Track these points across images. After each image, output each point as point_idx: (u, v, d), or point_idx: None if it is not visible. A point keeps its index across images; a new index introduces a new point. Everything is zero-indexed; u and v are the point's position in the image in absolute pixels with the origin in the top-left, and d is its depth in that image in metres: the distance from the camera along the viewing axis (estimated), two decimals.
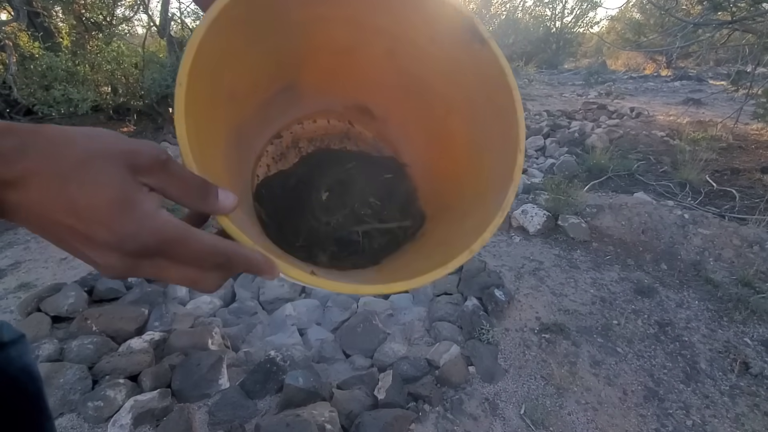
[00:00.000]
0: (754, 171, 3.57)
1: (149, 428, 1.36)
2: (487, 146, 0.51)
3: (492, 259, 2.36)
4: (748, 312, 1.90)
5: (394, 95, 0.59)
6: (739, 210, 2.84)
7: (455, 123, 0.55)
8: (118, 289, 2.00)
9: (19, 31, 4.41)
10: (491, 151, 0.50)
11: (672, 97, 8.04)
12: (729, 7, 3.86)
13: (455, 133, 0.56)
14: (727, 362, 1.70)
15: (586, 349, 1.75)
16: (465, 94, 0.53)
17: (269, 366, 1.55)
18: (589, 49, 18.17)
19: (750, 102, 4.43)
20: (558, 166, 4.16)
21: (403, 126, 0.62)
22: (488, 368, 1.65)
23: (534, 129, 5.78)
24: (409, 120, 0.61)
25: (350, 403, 1.44)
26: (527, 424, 1.46)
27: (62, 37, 4.93)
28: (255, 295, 2.22)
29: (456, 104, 0.54)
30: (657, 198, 3.10)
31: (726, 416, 1.49)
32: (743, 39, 4.82)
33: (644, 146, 4.50)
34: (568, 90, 9.84)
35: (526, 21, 16.16)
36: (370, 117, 0.63)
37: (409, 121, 0.61)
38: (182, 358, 1.60)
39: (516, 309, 1.97)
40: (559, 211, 2.67)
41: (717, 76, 10.61)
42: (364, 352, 1.82)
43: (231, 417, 1.40)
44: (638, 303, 2.02)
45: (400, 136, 0.63)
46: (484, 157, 0.51)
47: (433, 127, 0.58)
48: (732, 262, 2.21)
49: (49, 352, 1.58)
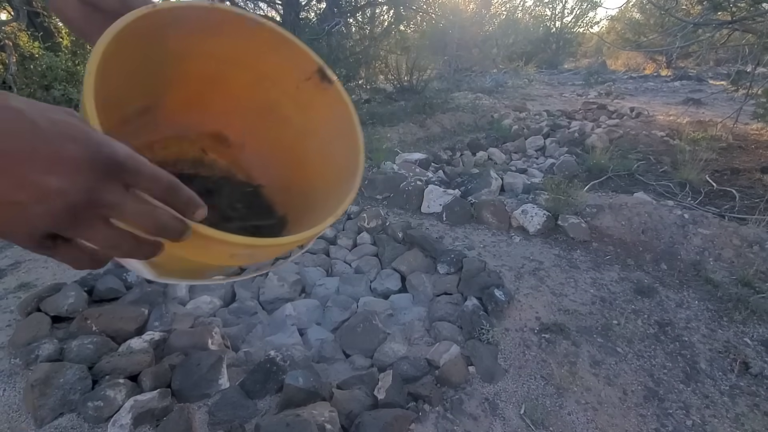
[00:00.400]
0: (754, 171, 3.57)
1: (149, 428, 1.36)
2: (335, 165, 0.60)
3: (492, 259, 2.36)
4: (748, 312, 1.90)
5: (252, 123, 0.66)
6: (739, 210, 2.85)
7: (309, 147, 0.64)
8: (118, 289, 2.00)
9: (19, 31, 4.41)
10: (338, 169, 0.59)
11: (672, 97, 8.05)
12: (729, 7, 3.86)
13: (309, 156, 0.64)
14: (727, 362, 1.70)
15: (586, 349, 1.75)
16: (317, 123, 0.63)
17: (269, 366, 1.55)
18: (589, 49, 18.19)
19: (750, 102, 4.43)
20: (558, 166, 4.16)
21: (259, 151, 0.68)
22: (488, 368, 1.65)
23: (534, 129, 5.79)
24: (266, 145, 0.68)
25: (350, 403, 1.44)
26: (527, 424, 1.46)
27: (62, 37, 4.93)
28: (255, 294, 2.22)
29: (309, 131, 0.64)
30: (657, 198, 3.11)
31: (726, 416, 1.49)
32: (743, 39, 4.82)
33: (644, 146, 4.50)
34: (568, 90, 9.84)
35: (526, 21, 16.17)
36: (227, 144, 0.68)
37: (266, 146, 0.68)
38: (182, 358, 1.60)
39: (516, 309, 1.97)
40: (559, 211, 2.67)
41: (717, 76, 10.61)
42: (364, 352, 1.82)
43: (231, 417, 1.40)
44: (638, 303, 2.02)
45: (256, 160, 0.69)
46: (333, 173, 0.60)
47: (289, 151, 0.66)
48: (732, 262, 2.21)
49: (49, 352, 1.58)
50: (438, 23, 6.90)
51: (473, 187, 3.23)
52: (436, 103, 6.54)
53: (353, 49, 6.10)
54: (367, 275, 2.42)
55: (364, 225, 2.80)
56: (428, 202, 2.99)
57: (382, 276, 2.38)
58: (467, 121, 6.32)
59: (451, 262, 2.31)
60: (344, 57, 5.75)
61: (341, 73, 5.80)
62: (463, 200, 2.90)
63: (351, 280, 2.32)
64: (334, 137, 0.61)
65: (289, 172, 0.67)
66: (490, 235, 2.67)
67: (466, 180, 3.45)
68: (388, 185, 3.24)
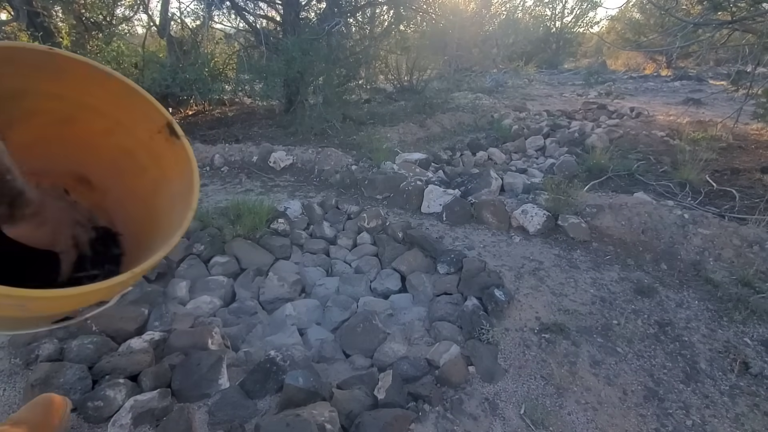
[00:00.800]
0: (754, 171, 3.57)
1: (149, 428, 1.36)
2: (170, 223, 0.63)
3: (492, 259, 2.36)
4: (748, 312, 1.90)
5: (113, 170, 0.69)
6: (739, 210, 2.84)
7: (159, 202, 0.67)
8: None
9: (19, 31, 4.41)
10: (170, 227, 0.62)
11: (672, 97, 8.05)
12: (729, 7, 3.86)
13: (158, 211, 0.67)
14: (727, 362, 1.70)
15: (586, 349, 1.75)
16: (169, 176, 0.66)
17: (269, 366, 1.55)
18: (589, 49, 18.19)
19: (750, 102, 4.43)
20: (558, 165, 4.16)
21: (121, 199, 0.71)
22: (488, 368, 1.65)
23: (534, 129, 5.78)
24: (127, 194, 0.70)
25: (350, 403, 1.44)
26: (527, 424, 1.46)
27: (62, 37, 4.93)
28: (255, 294, 2.22)
29: (163, 183, 0.67)
30: (657, 198, 3.10)
31: (726, 416, 1.49)
32: (743, 39, 4.82)
33: (644, 146, 4.50)
34: (568, 90, 9.84)
35: (526, 21, 16.17)
36: (90, 188, 0.70)
37: (127, 195, 0.70)
38: (182, 357, 1.60)
39: (516, 309, 1.97)
40: (559, 211, 2.67)
41: (717, 76, 10.61)
42: (364, 352, 1.82)
43: (231, 417, 1.40)
44: (638, 303, 2.02)
45: (117, 208, 0.71)
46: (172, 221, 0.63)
47: (143, 203, 0.69)
48: (732, 262, 2.21)
49: (49, 352, 1.58)
50: (438, 23, 6.89)
51: (473, 187, 3.23)
52: (436, 103, 6.54)
53: (353, 49, 6.10)
54: (367, 275, 2.42)
55: (364, 225, 2.80)
56: (428, 202, 2.99)
57: (382, 276, 2.38)
58: (467, 121, 6.32)
59: (451, 262, 2.31)
60: (344, 57, 5.74)
61: (341, 72, 5.79)
62: (463, 200, 2.90)
63: (351, 280, 2.32)
64: (177, 194, 0.64)
65: (141, 226, 0.69)
66: (490, 235, 2.67)
67: (466, 180, 3.45)
68: (388, 185, 3.24)
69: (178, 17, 6.05)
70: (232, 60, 5.99)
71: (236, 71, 5.63)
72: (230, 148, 4.17)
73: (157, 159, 0.66)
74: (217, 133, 5.19)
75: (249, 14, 6.14)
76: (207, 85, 4.71)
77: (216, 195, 3.40)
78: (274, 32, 6.25)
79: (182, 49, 5.36)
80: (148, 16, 5.73)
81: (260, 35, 5.49)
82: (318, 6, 6.18)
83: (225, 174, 3.89)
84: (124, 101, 0.61)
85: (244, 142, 4.59)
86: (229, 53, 6.37)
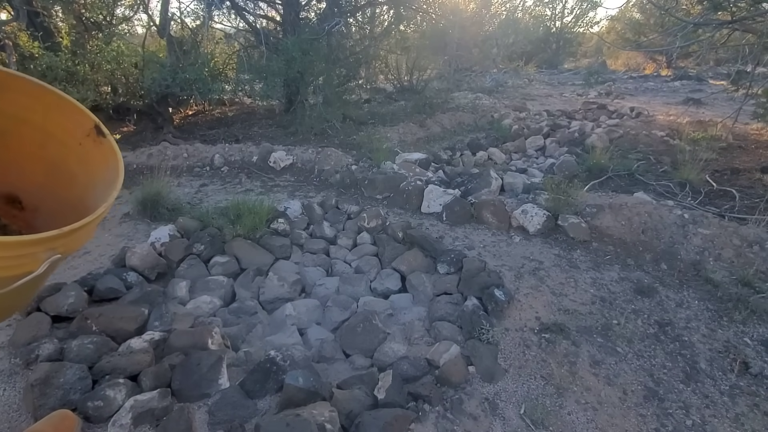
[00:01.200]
0: (754, 171, 3.57)
1: (149, 428, 1.36)
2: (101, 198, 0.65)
3: (492, 259, 2.36)
4: (748, 312, 1.90)
5: (44, 182, 0.70)
6: (739, 210, 2.84)
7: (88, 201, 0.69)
8: (118, 288, 2.00)
9: (19, 31, 4.41)
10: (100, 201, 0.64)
11: (672, 97, 8.05)
12: (729, 7, 3.86)
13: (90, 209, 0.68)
14: (727, 362, 1.70)
15: (586, 348, 1.75)
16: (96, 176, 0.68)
17: (269, 366, 1.55)
18: (589, 49, 18.18)
19: (750, 102, 4.42)
20: (558, 165, 4.16)
21: (53, 214, 0.72)
22: (488, 368, 1.65)
23: (534, 129, 5.78)
24: (58, 206, 0.72)
25: (350, 403, 1.44)
26: (527, 424, 1.46)
27: (62, 37, 4.92)
28: (255, 294, 2.22)
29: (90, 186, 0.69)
30: (657, 198, 3.10)
31: (726, 416, 1.49)
32: (743, 39, 4.82)
33: (644, 146, 4.50)
34: (568, 90, 9.84)
35: (526, 21, 16.15)
36: (19, 208, 0.72)
37: (58, 207, 0.72)
38: (182, 357, 1.60)
39: (516, 309, 1.97)
40: (559, 211, 2.67)
41: (717, 76, 10.61)
42: (364, 352, 1.82)
43: (231, 417, 1.40)
44: (638, 303, 2.02)
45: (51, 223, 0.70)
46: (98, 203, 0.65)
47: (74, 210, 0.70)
48: (732, 262, 2.21)
49: (49, 352, 1.58)
50: (438, 23, 6.90)
51: (473, 187, 3.23)
52: (436, 102, 6.53)
53: (353, 48, 6.10)
54: (367, 275, 2.42)
55: (364, 225, 2.80)
56: (428, 202, 2.99)
57: (382, 276, 2.38)
58: (467, 120, 6.32)
59: (451, 261, 2.31)
60: (344, 57, 5.75)
61: (341, 72, 5.79)
62: (463, 200, 2.90)
63: (351, 280, 2.32)
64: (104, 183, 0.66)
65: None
66: (490, 235, 2.67)
67: (466, 180, 3.45)
68: (388, 185, 3.24)
69: (178, 17, 6.05)
70: (232, 60, 5.99)
71: (236, 71, 5.63)
72: (230, 148, 4.17)
73: (85, 162, 0.69)
74: (217, 133, 5.19)
75: (249, 14, 6.14)
76: (207, 85, 4.71)
77: (216, 195, 3.40)
78: (274, 32, 6.26)
79: (182, 49, 5.35)
80: (148, 16, 5.73)
81: (260, 35, 5.49)
82: (318, 6, 6.18)
83: (225, 174, 3.89)
84: (56, 112, 0.64)
85: (244, 142, 4.59)
86: (229, 53, 6.38)
